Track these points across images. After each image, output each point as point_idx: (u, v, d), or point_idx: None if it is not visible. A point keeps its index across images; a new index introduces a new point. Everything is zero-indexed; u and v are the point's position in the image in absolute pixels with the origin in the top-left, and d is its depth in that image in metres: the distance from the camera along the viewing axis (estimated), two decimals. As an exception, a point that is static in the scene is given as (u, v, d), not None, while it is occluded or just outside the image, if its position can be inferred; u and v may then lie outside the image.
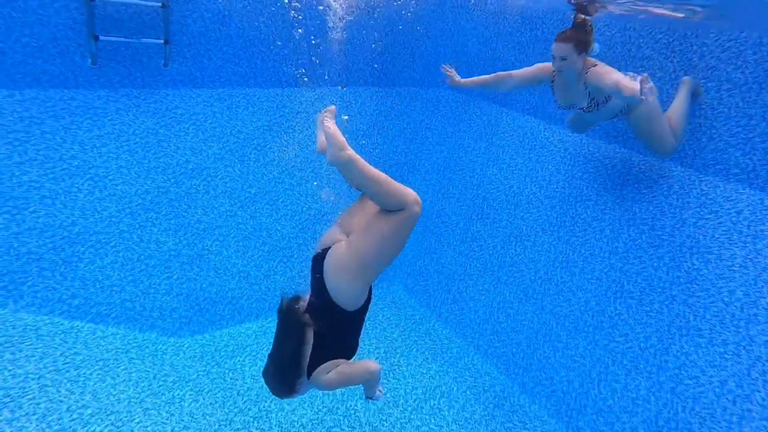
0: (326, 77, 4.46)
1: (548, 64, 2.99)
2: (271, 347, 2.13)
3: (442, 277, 4.62)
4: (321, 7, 4.20)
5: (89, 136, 3.50)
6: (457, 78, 3.27)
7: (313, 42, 4.27)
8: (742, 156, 2.88)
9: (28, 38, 3.19)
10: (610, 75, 2.66)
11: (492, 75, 3.19)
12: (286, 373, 2.07)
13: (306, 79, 4.36)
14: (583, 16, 2.80)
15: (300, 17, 4.17)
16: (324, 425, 2.82)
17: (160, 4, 3.44)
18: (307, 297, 2.17)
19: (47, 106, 3.36)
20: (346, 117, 4.62)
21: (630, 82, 2.49)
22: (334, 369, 2.08)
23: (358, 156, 2.06)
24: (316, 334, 2.08)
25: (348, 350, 2.21)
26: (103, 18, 3.37)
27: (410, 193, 2.05)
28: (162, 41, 3.56)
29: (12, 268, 3.20)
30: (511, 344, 3.84)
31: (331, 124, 2.17)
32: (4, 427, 2.41)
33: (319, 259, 2.15)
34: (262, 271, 4.22)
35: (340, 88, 4.57)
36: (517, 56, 4.17)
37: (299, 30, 4.19)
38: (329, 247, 2.14)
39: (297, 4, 4.10)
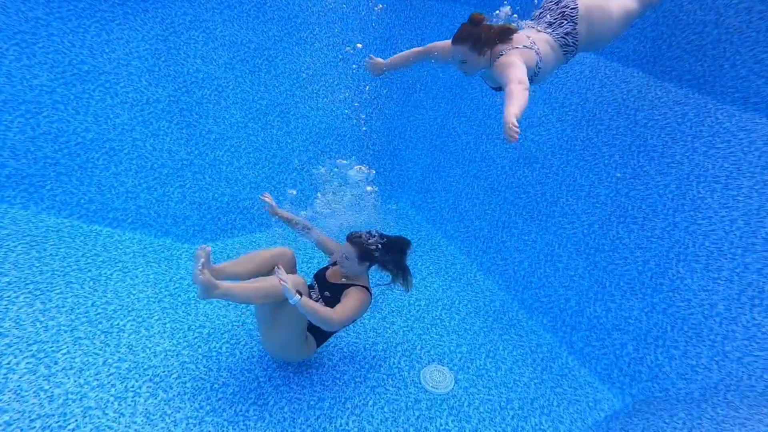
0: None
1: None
2: None
3: (449, 195, 4.69)
4: None
5: (98, 40, 3.44)
6: (380, 62, 2.89)
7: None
8: (764, 84, 2.82)
9: (30, -69, 3.06)
10: (507, 71, 2.35)
11: (412, 51, 2.81)
12: None
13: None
14: (478, 13, 2.48)
15: None
16: (331, 329, 3.05)
17: None
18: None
19: (52, 7, 3.28)
20: (360, 45, 4.49)
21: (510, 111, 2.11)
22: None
23: (231, 286, 2.29)
24: None
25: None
26: None
27: (297, 283, 2.33)
28: (169, -61, 3.39)
29: (30, 171, 3.27)
30: (513, 263, 3.98)
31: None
32: (38, 317, 2.60)
33: None
34: (273, 183, 4.29)
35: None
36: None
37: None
38: None
39: None
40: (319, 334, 2.72)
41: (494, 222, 4.21)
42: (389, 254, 2.70)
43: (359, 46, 4.47)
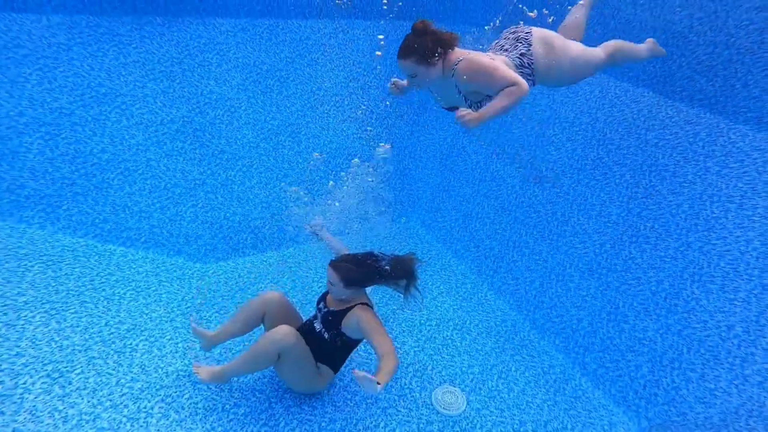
0: (351, 8, 4.35)
1: None
2: None
3: (459, 215, 4.69)
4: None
5: (115, 63, 3.52)
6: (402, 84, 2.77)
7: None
8: (776, 104, 2.82)
9: (53, -40, 3.17)
10: (495, 74, 2.28)
11: None
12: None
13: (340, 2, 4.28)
14: (421, 20, 2.34)
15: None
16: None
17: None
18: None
19: (74, 32, 3.37)
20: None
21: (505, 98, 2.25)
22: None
23: (235, 366, 2.57)
24: None
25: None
26: (126, -60, 3.31)
27: (277, 339, 2.42)
28: (186, -34, 3.49)
29: (48, 192, 3.34)
30: (524, 282, 3.96)
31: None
32: (54, 336, 2.62)
33: None
34: (284, 203, 4.32)
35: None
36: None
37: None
38: None
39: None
40: (332, 361, 2.73)
41: (505, 241, 4.20)
42: (397, 276, 2.68)
43: (378, 54, 4.53)
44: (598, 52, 2.74)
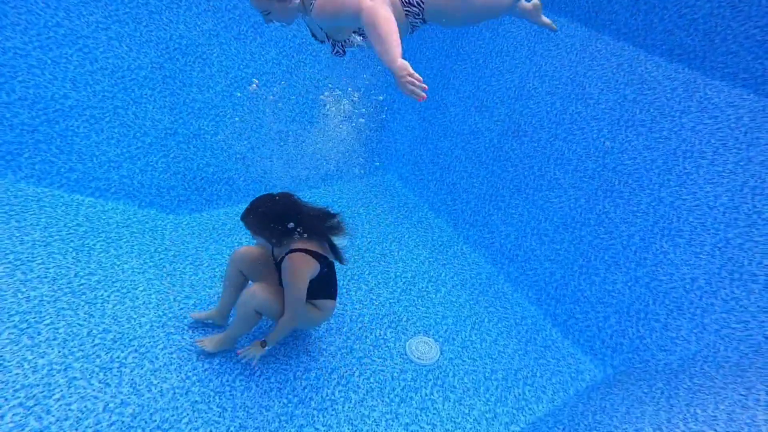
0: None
1: None
2: None
3: (436, 168, 4.67)
4: None
5: (74, 2, 3.30)
6: None
7: None
8: (753, 60, 2.81)
9: None
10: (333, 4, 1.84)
11: None
12: None
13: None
14: None
15: None
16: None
17: None
18: None
19: (25, -35, 3.13)
20: None
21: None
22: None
23: (232, 333, 2.66)
24: None
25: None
26: None
27: (246, 302, 2.49)
28: None
29: (7, 138, 3.18)
30: (499, 236, 4.00)
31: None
32: (20, 287, 2.56)
33: None
34: (258, 153, 4.23)
35: None
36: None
37: None
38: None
39: None
40: (321, 294, 2.63)
41: (481, 195, 4.22)
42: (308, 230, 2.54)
43: (256, 82, 4.21)
44: None
